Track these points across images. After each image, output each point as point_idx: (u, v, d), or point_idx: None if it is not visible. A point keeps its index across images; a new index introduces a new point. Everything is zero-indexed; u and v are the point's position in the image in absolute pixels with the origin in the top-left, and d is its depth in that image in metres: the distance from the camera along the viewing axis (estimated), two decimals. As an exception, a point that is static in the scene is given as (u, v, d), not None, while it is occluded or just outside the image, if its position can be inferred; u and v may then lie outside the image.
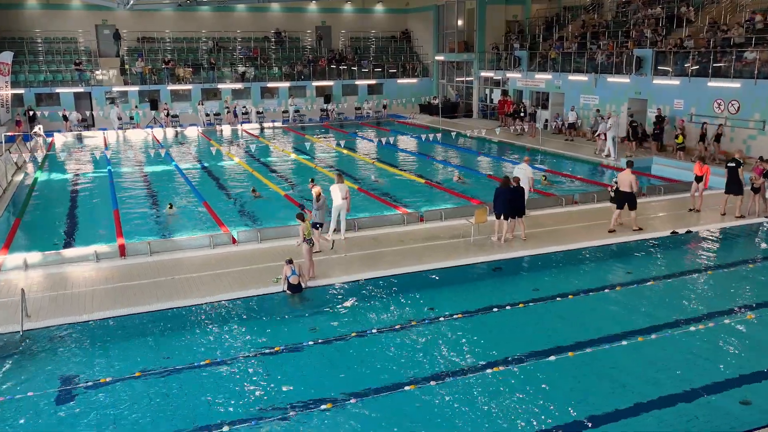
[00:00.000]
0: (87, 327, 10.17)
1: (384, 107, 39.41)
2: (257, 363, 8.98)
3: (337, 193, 14.15)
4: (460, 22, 39.36)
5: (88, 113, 34.80)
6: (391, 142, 23.92)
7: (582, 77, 29.60)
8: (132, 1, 30.77)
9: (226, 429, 7.29)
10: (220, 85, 37.68)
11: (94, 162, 25.28)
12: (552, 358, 8.83)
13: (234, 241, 14.13)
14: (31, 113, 32.48)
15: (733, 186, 15.67)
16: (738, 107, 22.42)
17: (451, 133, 25.72)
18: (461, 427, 7.31)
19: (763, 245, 14.37)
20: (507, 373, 8.47)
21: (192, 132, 34.07)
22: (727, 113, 22.80)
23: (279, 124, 36.64)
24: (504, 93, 35.69)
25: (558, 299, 10.91)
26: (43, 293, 11.40)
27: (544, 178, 21.61)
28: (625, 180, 14.61)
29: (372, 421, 7.43)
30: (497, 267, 12.58)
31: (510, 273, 12.36)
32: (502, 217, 13.67)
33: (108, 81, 36.18)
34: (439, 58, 41.28)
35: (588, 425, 7.26)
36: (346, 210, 14.31)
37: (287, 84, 38.90)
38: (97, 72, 36.31)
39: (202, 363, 8.93)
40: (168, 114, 34.90)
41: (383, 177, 21.99)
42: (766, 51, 21.94)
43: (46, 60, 36.02)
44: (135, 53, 38.04)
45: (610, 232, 14.54)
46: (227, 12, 40.65)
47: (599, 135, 25.18)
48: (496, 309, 10.50)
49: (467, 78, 39.58)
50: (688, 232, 14.64)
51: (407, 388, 8.14)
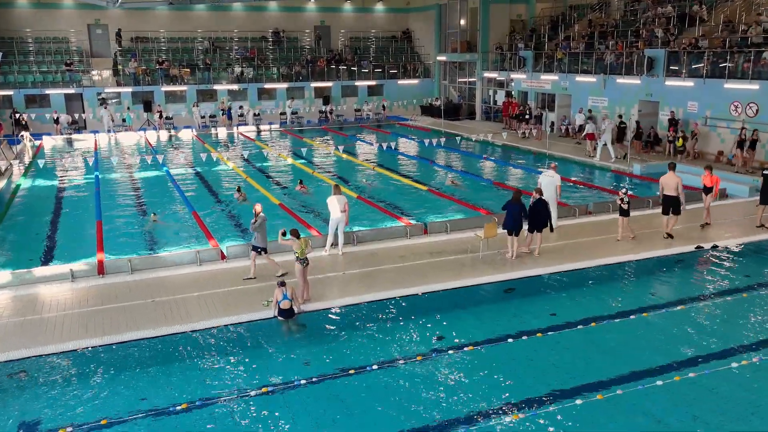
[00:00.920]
0: (53, 360, 9.09)
1: (384, 108, 38.31)
2: (242, 406, 7.89)
3: (335, 206, 13.07)
4: (462, 21, 38.29)
5: (79, 115, 33.64)
6: (393, 147, 22.83)
7: (590, 78, 28.51)
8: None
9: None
10: (216, 86, 36.63)
11: (81, 167, 24.19)
12: (578, 401, 7.75)
13: (223, 257, 13.06)
14: (17, 116, 31.33)
15: (770, 195, 14.52)
16: (756, 110, 21.33)
17: (456, 138, 24.64)
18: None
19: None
20: (528, 422, 7.38)
21: (186, 135, 33.00)
22: (745, 116, 21.72)
23: (276, 126, 35.55)
24: (508, 94, 34.62)
25: (579, 326, 9.82)
26: (9, 318, 10.33)
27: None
28: (671, 183, 13.91)
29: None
30: (509, 287, 11.49)
31: (524, 294, 11.28)
32: (513, 234, 12.58)
33: (100, 82, 35.08)
34: (441, 58, 40.20)
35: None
36: (344, 223, 13.24)
37: (285, 85, 37.83)
38: (93, 73, 35.19)
39: (179, 408, 7.85)
40: (161, 116, 33.81)
41: (383, 183, 20.91)
42: (786, 51, 20.89)
43: (36, 60, 34.94)
44: (128, 53, 36.96)
45: (666, 237, 14.04)
46: (223, 11, 39.57)
47: (587, 136, 24.99)
48: (510, 339, 9.41)
49: (470, 79, 38.50)
50: (714, 246, 13.55)
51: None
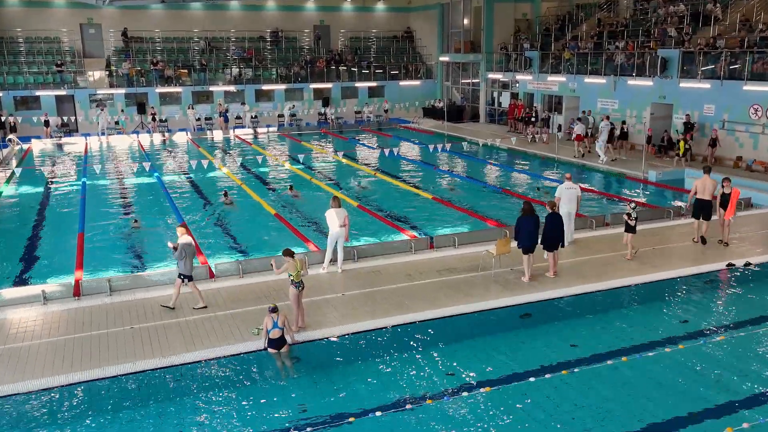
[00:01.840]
0: (15, 403, 8.01)
1: (386, 111, 37.19)
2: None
3: (334, 220, 11.99)
4: (466, 20, 37.22)
5: (67, 118, 32.48)
6: (395, 153, 21.73)
7: (599, 80, 27.42)
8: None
9: None
10: (212, 88, 35.58)
11: (69, 173, 23.14)
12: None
13: (211, 275, 11.97)
14: (2, 119, 30.21)
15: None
16: (778, 113, 20.29)
17: (463, 143, 23.59)
18: None
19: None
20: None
21: (181, 138, 31.91)
22: (765, 120, 20.65)
23: (274, 129, 34.46)
24: (514, 96, 33.54)
25: (608, 361, 8.72)
26: (-31, 350, 9.26)
27: (537, 189, 20.06)
28: (707, 187, 13.18)
29: None
30: (526, 313, 10.40)
31: (541, 321, 10.18)
32: (531, 253, 11.48)
33: (93, 83, 33.97)
34: (444, 59, 39.12)
35: None
36: (344, 238, 12.15)
37: (283, 86, 36.77)
38: (88, 74, 34.09)
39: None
40: (155, 118, 32.72)
41: (385, 190, 19.85)
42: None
43: (27, 61, 33.87)
44: (122, 54, 35.91)
45: (696, 242, 13.50)
46: (220, 10, 38.51)
47: (576, 137, 24.44)
48: (532, 378, 8.32)
49: (473, 80, 37.44)
50: (747, 264, 12.47)
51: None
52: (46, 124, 30.92)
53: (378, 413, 7.58)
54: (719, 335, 9.55)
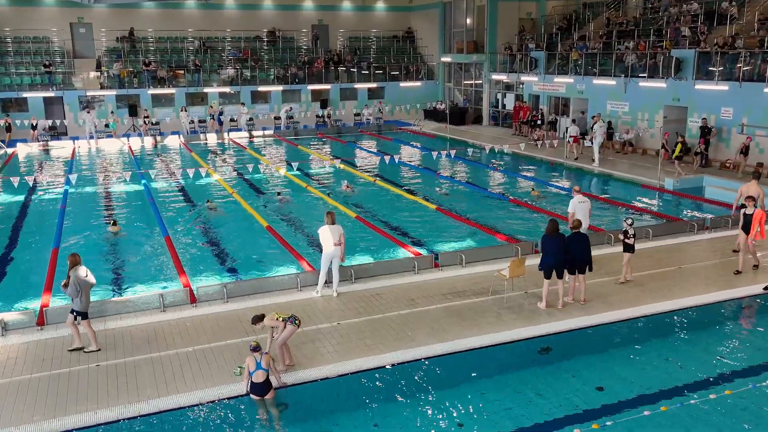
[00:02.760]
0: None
1: (380, 112, 35.92)
2: None
3: (329, 237, 10.83)
4: (468, 20, 36.03)
5: (54, 121, 31.25)
6: (396, 158, 20.57)
7: (609, 81, 26.24)
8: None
9: None
10: (206, 89, 34.37)
11: (52, 179, 21.95)
12: None
13: (193, 300, 10.79)
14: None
15: None
16: (803, 117, 19.13)
17: (468, 150, 22.39)
18: None
19: None
20: None
21: (173, 141, 30.71)
22: (788, 124, 19.50)
23: (270, 132, 33.26)
24: (518, 98, 32.37)
25: (645, 412, 7.54)
26: None
27: (532, 189, 19.24)
28: (753, 194, 12.15)
29: None
30: (545, 347, 9.22)
31: (563, 357, 9.00)
32: (553, 276, 10.29)
33: (83, 85, 32.75)
34: (446, 59, 37.94)
35: None
36: (339, 259, 10.98)
37: (280, 88, 35.58)
38: (78, 75, 32.89)
39: None
40: (147, 121, 31.53)
41: (385, 199, 18.67)
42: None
43: (15, 61, 32.69)
44: (114, 54, 34.74)
45: (734, 251, 12.31)
46: (215, 9, 37.32)
47: (573, 138, 23.81)
48: (557, 432, 7.15)
49: (476, 81, 36.27)
50: (784, 287, 11.30)
51: None
52: (32, 127, 29.70)
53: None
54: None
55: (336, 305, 10.65)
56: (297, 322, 8.51)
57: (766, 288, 11.13)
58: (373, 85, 37.71)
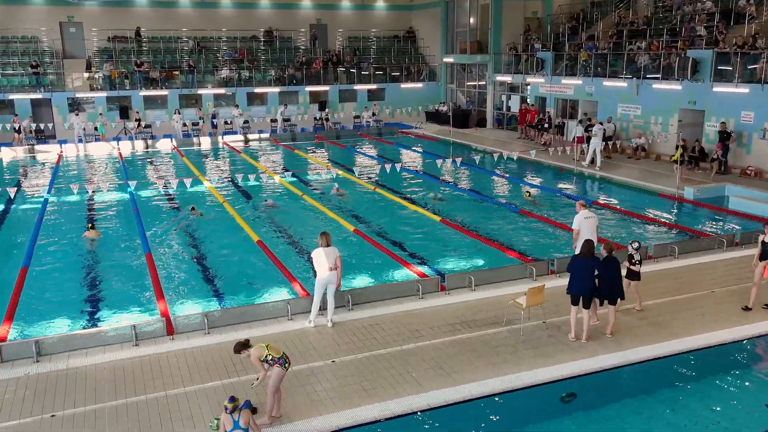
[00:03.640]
0: None
1: (374, 114, 34.62)
2: None
3: (323, 261, 9.62)
4: (472, 19, 34.87)
5: (40, 124, 29.99)
6: (397, 168, 19.39)
7: (620, 83, 25.05)
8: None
9: None
10: (200, 91, 33.19)
11: (33, 186, 20.76)
12: None
13: (170, 331, 9.60)
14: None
15: None
16: (831, 122, 17.94)
17: (475, 156, 21.16)
18: None
19: None
20: None
21: (165, 145, 29.51)
22: (815, 129, 18.32)
23: (266, 135, 32.06)
24: (524, 100, 31.18)
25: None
26: None
27: (527, 194, 18.56)
28: None
29: None
30: (570, 393, 8.02)
31: (592, 406, 7.82)
32: (581, 304, 9.11)
33: (72, 86, 31.54)
34: (448, 60, 36.75)
35: None
36: (335, 285, 9.78)
37: (277, 89, 34.38)
38: (67, 76, 31.67)
39: None
40: (139, 124, 30.31)
41: (386, 210, 17.47)
42: None
43: (1, 62, 31.49)
44: (105, 54, 33.56)
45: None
46: (210, 8, 36.13)
47: (577, 139, 23.22)
48: None
49: (480, 82, 35.08)
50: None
51: None
52: (16, 130, 28.47)
53: None
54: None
55: (331, 337, 9.46)
56: (287, 365, 7.32)
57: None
58: (373, 87, 36.53)
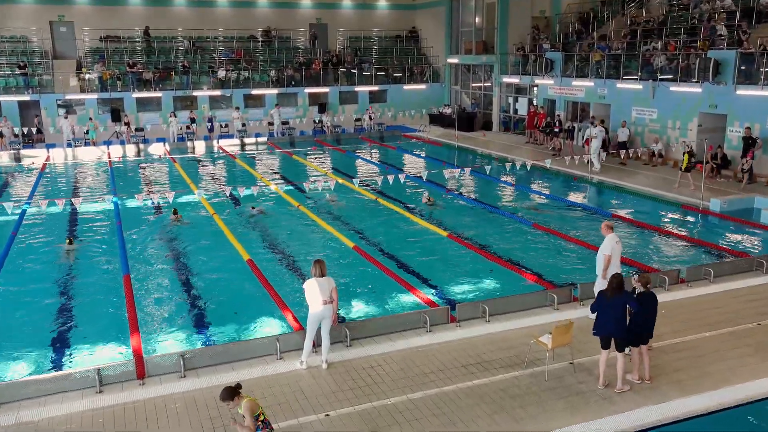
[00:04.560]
0: None
1: (370, 118, 33.31)
2: None
3: (316, 294, 8.36)
4: (477, 18, 33.59)
5: (31, 128, 28.79)
6: (401, 179, 18.13)
7: (635, 85, 23.76)
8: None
9: None
10: (195, 92, 31.96)
11: (14, 195, 19.54)
12: None
13: (141, 374, 8.34)
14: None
15: None
16: None
17: (486, 166, 19.88)
18: None
19: None
20: None
21: (158, 150, 28.26)
22: None
23: (264, 138, 30.81)
24: (532, 103, 29.90)
25: None
26: None
27: (535, 210, 17.50)
28: None
29: None
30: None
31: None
32: (612, 347, 7.82)
33: (62, 87, 30.28)
34: (453, 60, 35.48)
35: None
36: (331, 320, 8.51)
37: (275, 91, 33.12)
38: (57, 77, 30.40)
39: None
40: (129, 126, 29.06)
41: (386, 222, 16.20)
42: None
43: (-11, 62, 30.32)
44: (97, 55, 32.34)
45: None
46: (206, 7, 34.89)
47: (586, 141, 22.90)
48: None
49: (485, 84, 33.81)
50: None
51: None
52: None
53: None
54: None
55: (325, 383, 8.19)
56: (270, 431, 6.08)
57: None
58: (375, 88, 35.26)
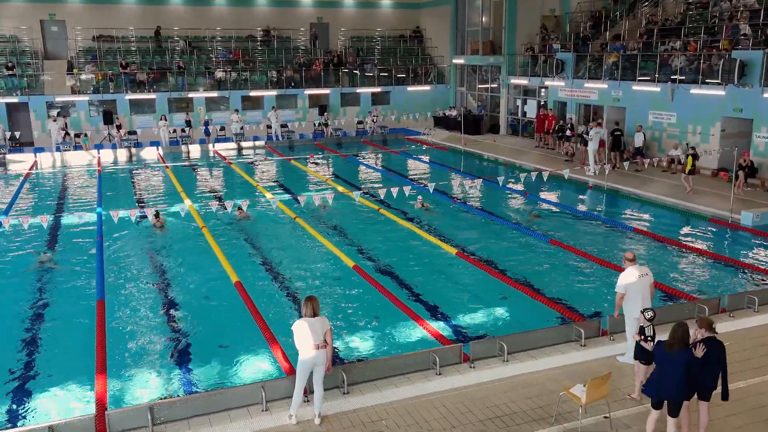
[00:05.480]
0: None
1: (373, 121, 32.05)
2: None
3: (307, 338, 7.10)
4: (484, 18, 32.31)
5: (15, 132, 27.62)
6: (407, 192, 16.85)
7: (652, 87, 22.47)
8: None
9: None
10: (191, 94, 30.78)
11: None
12: None
13: (100, 429, 7.10)
14: None
15: None
16: None
17: (498, 177, 18.68)
18: None
19: None
20: None
21: (151, 154, 27.07)
22: None
23: (262, 142, 29.59)
24: (542, 105, 28.62)
25: None
26: None
27: (534, 214, 16.70)
28: None
29: None
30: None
31: None
32: (666, 407, 6.51)
33: (52, 89, 29.07)
34: (458, 61, 34.22)
35: None
36: (324, 368, 7.26)
37: (274, 92, 31.94)
38: (47, 78, 29.21)
39: None
40: (119, 129, 27.83)
41: (390, 237, 14.93)
42: None
43: (-24, 63, 29.16)
44: (89, 55, 31.17)
45: None
46: (203, 6, 33.69)
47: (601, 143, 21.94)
48: None
49: (492, 86, 32.54)
50: None
51: None
52: (-13, 138, 26.13)
53: None
54: None
55: (318, 441, 6.96)
56: None
57: None
58: (378, 90, 34.03)
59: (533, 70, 29.00)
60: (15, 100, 28.10)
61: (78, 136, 27.57)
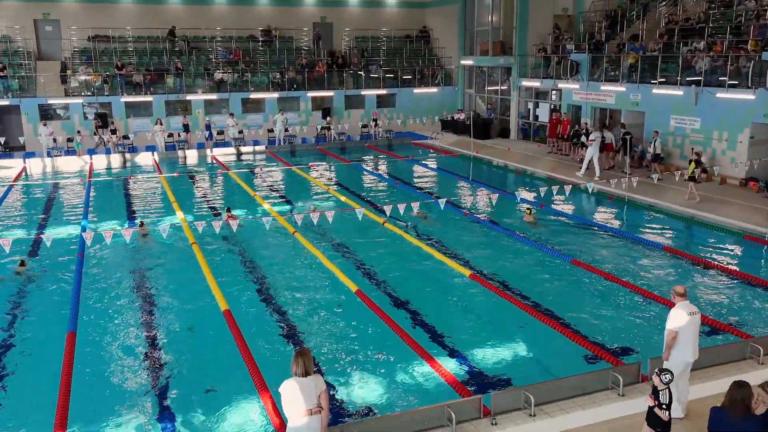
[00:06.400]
0: None
1: (375, 123, 30.85)
2: None
3: (297, 401, 5.88)
4: (494, 17, 31.04)
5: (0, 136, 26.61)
6: (415, 209, 15.66)
7: (674, 91, 21.16)
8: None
9: None
10: (189, 96, 29.66)
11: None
12: None
13: None
14: None
15: None
16: None
17: (516, 192, 17.40)
18: None
19: None
20: None
21: (145, 160, 25.92)
22: None
23: (262, 147, 28.41)
24: (554, 108, 27.36)
25: None
26: None
27: (528, 212, 16.26)
28: None
29: None
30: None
31: None
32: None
33: (44, 91, 27.95)
34: (467, 62, 32.97)
35: None
36: (320, 433, 6.06)
37: (276, 94, 30.79)
38: (40, 79, 28.11)
39: None
40: (115, 133, 26.69)
41: (397, 254, 13.71)
42: None
43: (-33, 64, 28.07)
44: (84, 56, 30.08)
45: None
46: (203, 5, 32.54)
47: (606, 146, 21.66)
48: None
49: (502, 88, 31.29)
50: None
51: None
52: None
53: None
54: None
55: None
56: None
57: None
58: (383, 92, 32.83)
59: (546, 71, 27.76)
60: (6, 102, 27.00)
61: (70, 140, 26.46)
